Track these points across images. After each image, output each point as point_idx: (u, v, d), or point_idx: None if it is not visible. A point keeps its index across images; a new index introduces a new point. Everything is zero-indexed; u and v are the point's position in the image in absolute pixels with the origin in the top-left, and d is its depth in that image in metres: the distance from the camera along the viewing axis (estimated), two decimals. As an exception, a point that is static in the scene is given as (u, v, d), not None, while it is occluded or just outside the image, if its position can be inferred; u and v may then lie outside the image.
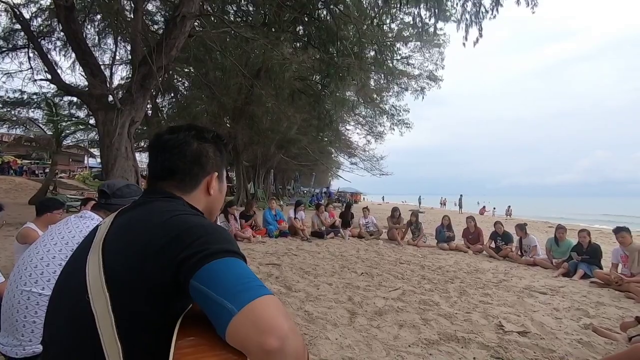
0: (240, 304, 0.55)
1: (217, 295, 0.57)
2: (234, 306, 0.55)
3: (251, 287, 0.58)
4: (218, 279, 0.59)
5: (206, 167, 0.88)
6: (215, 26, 9.77)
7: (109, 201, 1.60)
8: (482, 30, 9.74)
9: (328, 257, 6.04)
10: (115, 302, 0.64)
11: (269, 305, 0.56)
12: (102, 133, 7.79)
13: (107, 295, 0.64)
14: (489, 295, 4.10)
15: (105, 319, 0.63)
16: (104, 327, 0.63)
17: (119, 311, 0.63)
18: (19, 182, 20.13)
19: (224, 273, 0.60)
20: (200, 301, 0.60)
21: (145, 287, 0.64)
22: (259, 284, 0.59)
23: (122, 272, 0.66)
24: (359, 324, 2.99)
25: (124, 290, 0.65)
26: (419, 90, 20.18)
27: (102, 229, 0.77)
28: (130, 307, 0.64)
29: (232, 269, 0.61)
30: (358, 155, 27.86)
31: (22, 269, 1.35)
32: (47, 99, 14.31)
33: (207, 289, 0.58)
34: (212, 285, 0.58)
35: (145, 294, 0.64)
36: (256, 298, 0.56)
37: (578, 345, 2.75)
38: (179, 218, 0.71)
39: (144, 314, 0.64)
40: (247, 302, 0.55)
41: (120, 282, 0.66)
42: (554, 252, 6.17)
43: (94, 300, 0.65)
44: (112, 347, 0.61)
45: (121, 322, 0.63)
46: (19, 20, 8.38)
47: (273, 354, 0.53)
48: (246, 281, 0.59)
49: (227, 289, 0.57)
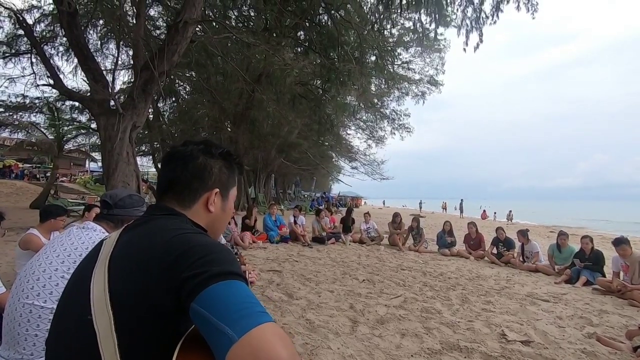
0: (240, 331, 0.54)
1: (217, 320, 0.56)
2: (234, 333, 0.54)
3: (252, 314, 0.57)
4: (219, 304, 0.58)
5: (207, 183, 0.87)
6: (216, 31, 9.82)
7: (111, 212, 1.60)
8: (483, 36, 9.78)
9: (329, 264, 6.01)
10: (118, 322, 0.63)
11: (268, 333, 0.55)
12: (104, 138, 7.80)
13: (110, 315, 0.64)
14: (491, 303, 4.08)
15: (108, 339, 0.62)
16: (106, 347, 0.62)
17: (121, 331, 0.63)
18: (20, 186, 20.16)
19: (226, 297, 0.59)
20: (200, 324, 0.59)
21: (147, 307, 0.64)
22: (260, 309, 0.58)
23: (126, 292, 0.66)
24: (361, 332, 2.97)
25: (127, 309, 0.65)
26: (420, 95, 20.26)
27: (108, 246, 0.77)
28: (133, 327, 0.64)
29: (233, 293, 0.60)
30: (359, 159, 27.84)
31: (24, 281, 1.34)
32: (49, 104, 14.36)
33: (208, 313, 0.57)
34: (212, 309, 0.57)
35: (147, 315, 0.64)
36: (257, 326, 0.55)
37: (582, 355, 2.73)
38: (181, 237, 0.70)
39: (146, 334, 0.64)
40: (247, 330, 0.54)
41: (124, 301, 0.65)
42: (556, 258, 6.14)
43: (96, 319, 0.65)
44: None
45: (123, 342, 0.62)
46: (22, 25, 8.42)
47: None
48: (247, 306, 0.58)
49: (227, 315, 0.56)
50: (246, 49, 10.48)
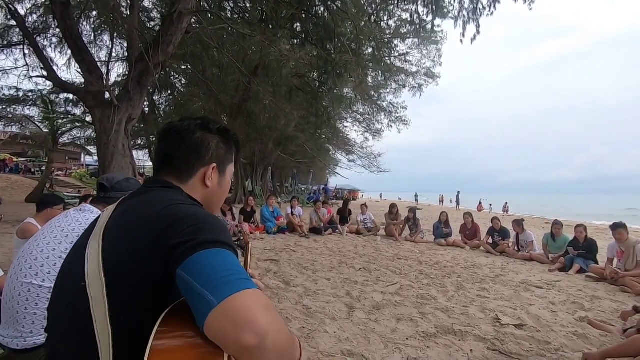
0: (220, 296, 0.53)
1: (199, 286, 0.55)
2: (214, 298, 0.53)
3: (234, 280, 0.56)
4: (202, 270, 0.58)
5: (204, 157, 0.87)
6: (212, 23, 9.73)
7: (108, 194, 1.61)
8: (480, 27, 9.75)
9: (326, 253, 6.06)
10: (110, 289, 0.64)
11: (248, 300, 0.54)
12: (99, 130, 7.76)
13: (103, 282, 0.65)
14: (486, 290, 4.14)
15: (100, 305, 0.64)
16: (98, 313, 0.63)
17: (112, 297, 0.64)
18: (15, 180, 20.03)
19: (210, 264, 0.59)
20: (184, 291, 0.59)
21: (138, 275, 0.64)
22: (243, 277, 0.58)
23: (118, 260, 0.67)
24: (357, 317, 3.02)
25: (118, 277, 0.65)
26: (417, 87, 20.20)
27: (104, 217, 0.78)
28: (124, 294, 0.65)
29: (218, 260, 0.60)
30: (356, 152, 27.87)
31: (22, 261, 1.36)
32: (43, 97, 14.20)
33: (191, 279, 0.57)
34: (196, 275, 0.57)
35: (138, 283, 0.64)
36: (237, 292, 0.54)
37: (573, 337, 2.79)
38: (173, 207, 0.70)
39: (136, 301, 0.65)
40: (227, 295, 0.53)
41: (116, 269, 0.66)
42: (551, 247, 6.22)
43: (90, 286, 0.66)
44: (104, 332, 0.62)
45: (114, 308, 0.63)
46: (14, 16, 8.31)
47: (249, 351, 0.51)
48: (230, 274, 0.57)
49: (209, 281, 0.56)
50: (242, 41, 10.39)
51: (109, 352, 0.62)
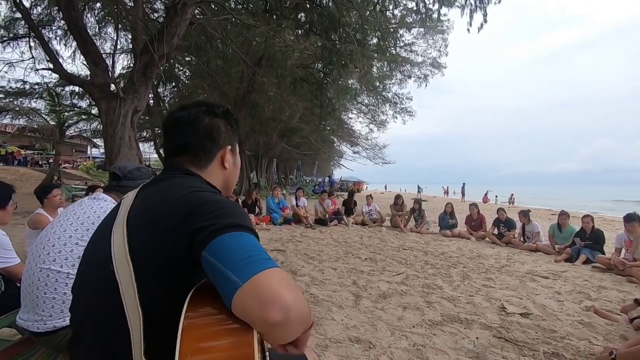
0: (245, 276, 0.57)
1: (224, 268, 0.59)
2: (239, 278, 0.57)
3: (257, 260, 0.59)
4: (226, 252, 0.61)
5: (219, 141, 0.91)
6: (216, 13, 9.67)
7: (121, 183, 1.64)
8: (487, 16, 9.61)
9: (332, 244, 6.10)
10: (137, 273, 0.67)
11: (272, 278, 0.57)
12: (105, 122, 7.82)
13: (130, 266, 0.68)
14: (491, 280, 4.15)
15: (129, 288, 0.66)
16: (128, 296, 0.66)
17: (141, 281, 0.67)
18: (23, 173, 20.24)
19: (233, 246, 0.62)
20: (209, 272, 0.62)
21: (163, 259, 0.68)
22: (265, 257, 0.61)
23: (144, 245, 0.70)
24: (364, 306, 3.05)
25: (145, 261, 0.68)
26: (422, 77, 19.99)
27: (126, 204, 0.80)
28: (151, 277, 0.68)
29: (240, 242, 0.63)
30: (360, 144, 27.76)
31: (40, 248, 1.39)
32: (49, 89, 14.29)
33: (216, 260, 0.60)
34: (220, 257, 0.60)
35: (163, 266, 0.68)
36: (261, 271, 0.57)
37: (579, 325, 2.80)
38: (195, 194, 0.74)
39: (164, 284, 0.68)
40: (251, 275, 0.57)
41: (142, 254, 0.69)
42: (557, 238, 6.20)
43: (118, 270, 0.68)
44: (134, 314, 0.65)
45: (143, 291, 0.66)
46: (20, 8, 8.32)
47: (276, 326, 0.55)
48: (253, 254, 0.61)
49: (234, 262, 0.59)
50: (246, 31, 10.33)
51: (139, 333, 0.65)
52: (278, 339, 0.59)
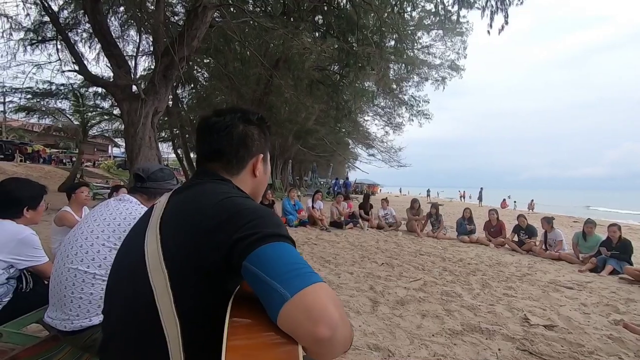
0: (293, 289, 0.55)
1: (269, 279, 0.58)
2: (287, 291, 0.55)
3: (304, 274, 0.58)
4: (271, 263, 0.60)
5: (252, 149, 0.90)
6: (234, 16, 9.79)
7: (145, 185, 1.66)
8: (508, 17, 9.39)
9: (348, 247, 6.06)
10: (173, 279, 0.66)
11: (321, 294, 0.56)
12: (127, 122, 8.01)
13: (165, 273, 0.67)
14: (512, 289, 4.03)
15: (164, 295, 0.65)
16: (163, 303, 0.65)
17: (176, 288, 0.66)
18: (48, 170, 20.98)
19: (277, 257, 0.61)
20: (252, 283, 0.61)
21: (198, 266, 0.66)
22: (310, 270, 0.60)
23: (178, 251, 0.69)
24: (382, 312, 3.01)
25: (180, 267, 0.67)
26: (440, 80, 19.77)
27: (158, 209, 0.80)
28: (186, 284, 0.66)
29: (284, 253, 0.62)
30: (376, 146, 27.61)
31: (68, 248, 1.42)
32: (74, 90, 14.78)
33: (260, 271, 0.59)
34: (264, 268, 0.59)
35: (198, 273, 0.66)
36: (309, 285, 0.56)
37: (608, 340, 2.68)
38: (230, 200, 0.73)
39: (199, 290, 0.66)
40: (299, 289, 0.55)
41: (177, 260, 0.68)
42: (581, 247, 5.99)
43: (152, 277, 0.68)
44: (171, 322, 0.64)
45: (179, 299, 0.65)
46: (48, 12, 8.62)
47: (323, 343, 0.54)
48: (298, 267, 0.59)
49: (279, 273, 0.58)
50: (264, 34, 10.41)
51: (178, 341, 0.63)
52: (322, 356, 0.58)
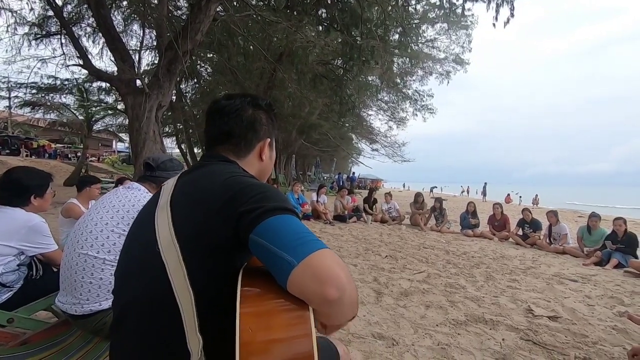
0: (299, 256, 0.58)
1: (277, 249, 0.60)
2: (294, 258, 0.58)
3: (309, 241, 0.61)
4: (277, 234, 0.62)
5: (260, 133, 0.92)
6: (238, 10, 9.76)
7: (154, 174, 1.67)
8: (514, 10, 9.27)
9: (352, 240, 6.08)
10: (184, 253, 0.68)
11: (326, 258, 0.59)
12: (131, 117, 8.03)
13: (177, 249, 0.69)
14: (516, 281, 4.04)
15: (177, 269, 0.67)
16: (176, 277, 0.67)
17: (188, 262, 0.68)
18: (54, 165, 21.12)
19: (282, 228, 0.63)
20: (259, 254, 0.64)
21: (209, 241, 0.69)
22: (315, 238, 0.63)
23: (188, 228, 0.71)
24: (386, 303, 3.03)
25: (191, 243, 0.70)
26: (444, 74, 19.63)
27: (167, 189, 0.82)
28: (198, 258, 0.69)
29: (289, 224, 0.65)
30: (379, 141, 27.50)
31: (78, 234, 1.45)
32: (78, 85, 14.83)
33: (267, 242, 0.62)
34: (271, 239, 0.62)
35: (209, 248, 0.69)
36: (315, 251, 0.59)
37: (612, 331, 2.69)
38: (236, 178, 0.75)
39: (210, 265, 0.69)
40: (306, 255, 0.58)
41: (187, 236, 0.70)
42: (586, 240, 5.97)
43: (164, 252, 0.70)
44: (185, 295, 0.66)
45: (191, 272, 0.67)
46: (52, 7, 8.63)
47: (333, 303, 0.57)
48: (303, 235, 0.62)
49: (286, 243, 0.61)
50: (267, 27, 10.37)
51: (192, 313, 0.66)
52: (333, 317, 0.62)
